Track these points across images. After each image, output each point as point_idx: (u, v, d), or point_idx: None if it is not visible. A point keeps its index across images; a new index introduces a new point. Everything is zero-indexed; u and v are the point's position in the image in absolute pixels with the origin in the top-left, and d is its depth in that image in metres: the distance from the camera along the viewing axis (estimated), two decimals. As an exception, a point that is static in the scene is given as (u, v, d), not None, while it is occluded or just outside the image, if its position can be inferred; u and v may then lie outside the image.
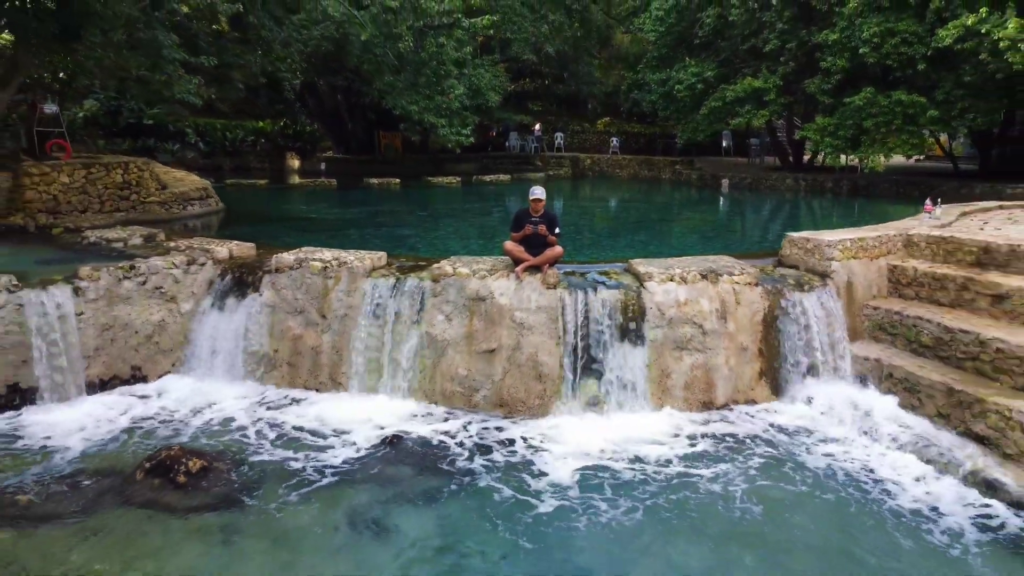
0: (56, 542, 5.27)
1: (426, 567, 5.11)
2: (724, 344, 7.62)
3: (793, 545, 5.38)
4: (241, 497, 5.95)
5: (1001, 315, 7.33)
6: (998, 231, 9.46)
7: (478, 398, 7.51)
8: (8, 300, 7.31)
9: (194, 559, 5.15)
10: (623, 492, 6.07)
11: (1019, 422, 6.02)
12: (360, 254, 8.39)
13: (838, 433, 7.12)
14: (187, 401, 7.82)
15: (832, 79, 19.36)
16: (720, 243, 11.20)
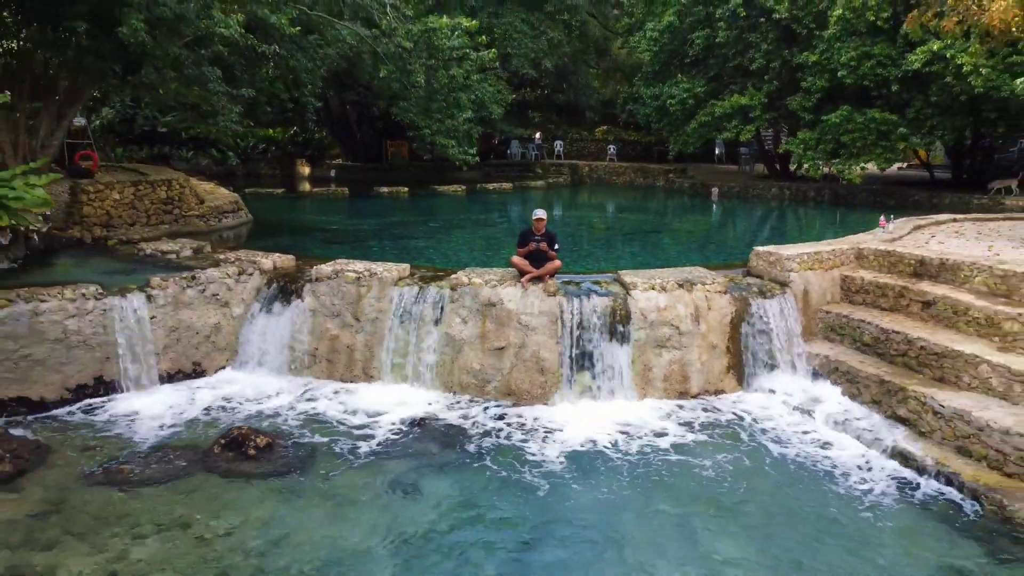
0: (159, 500, 6.63)
1: (450, 520, 6.46)
2: (697, 343, 8.99)
3: (748, 503, 6.73)
4: (299, 466, 7.31)
5: (929, 318, 8.69)
6: (941, 244, 10.84)
7: (490, 388, 8.88)
8: (95, 306, 8.67)
9: (267, 513, 6.51)
10: (610, 462, 7.43)
11: (931, 407, 7.37)
12: (388, 266, 9.75)
13: (792, 417, 8.48)
14: (242, 391, 9.18)
15: (813, 97, 20.73)
16: (700, 255, 12.56)
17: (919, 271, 9.46)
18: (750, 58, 22.05)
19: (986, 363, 7.36)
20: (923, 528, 6.32)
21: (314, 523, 6.37)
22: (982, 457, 6.77)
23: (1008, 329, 7.71)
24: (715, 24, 22.55)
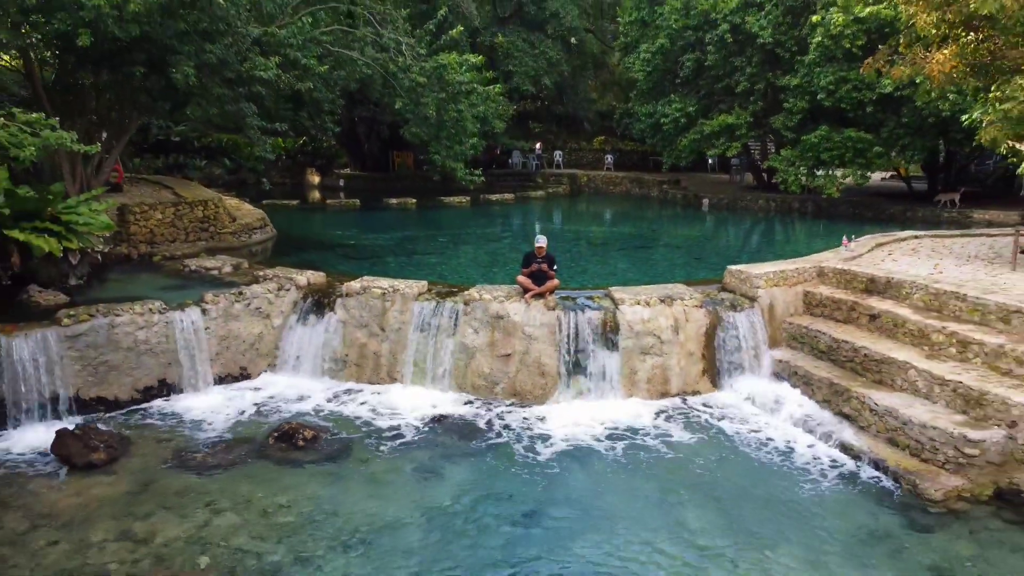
0: (227, 482, 8.03)
1: (466, 497, 7.85)
2: (676, 350, 10.39)
3: (716, 484, 8.11)
4: (340, 454, 8.72)
5: (874, 330, 10.09)
6: (894, 263, 12.25)
7: (498, 389, 10.28)
8: (160, 319, 10.08)
9: (316, 491, 7.90)
10: (599, 452, 8.84)
11: (868, 405, 8.77)
12: (408, 283, 11.16)
13: (756, 414, 9.88)
14: (283, 392, 10.59)
15: (794, 117, 22.16)
16: (684, 271, 13.95)
17: (869, 288, 10.87)
18: (737, 80, 23.48)
19: (914, 368, 8.76)
20: (855, 502, 7.72)
21: (355, 499, 7.77)
22: (905, 446, 8.17)
23: (935, 340, 9.12)
24: (704, 48, 23.98)
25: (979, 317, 9.16)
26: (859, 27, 19.44)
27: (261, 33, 12.14)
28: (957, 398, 8.15)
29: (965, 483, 7.50)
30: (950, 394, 8.24)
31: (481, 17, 28.03)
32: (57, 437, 8.36)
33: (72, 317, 9.46)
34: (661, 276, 13.16)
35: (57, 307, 10.24)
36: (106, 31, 10.23)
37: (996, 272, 11.31)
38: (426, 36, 16.05)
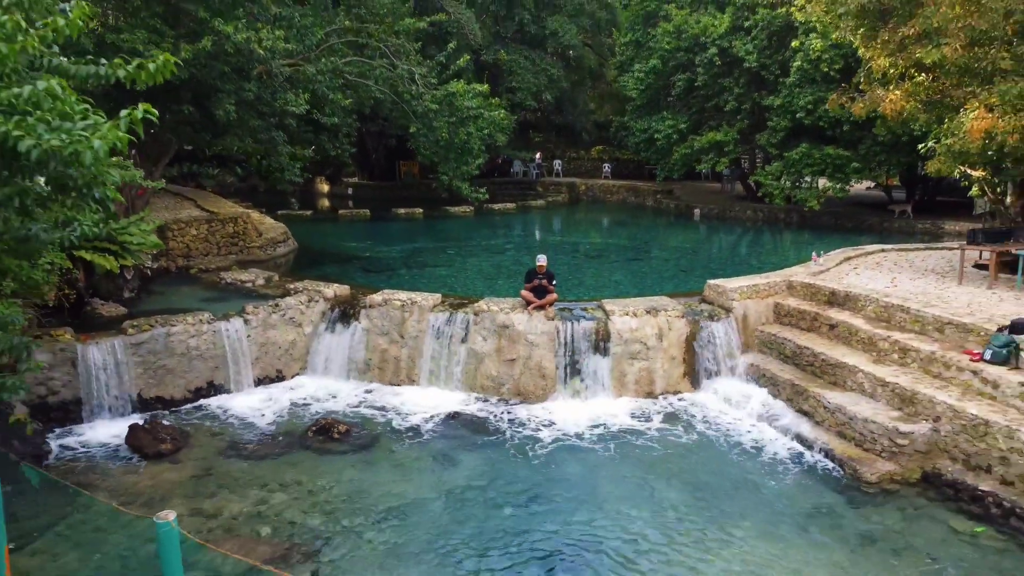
0: (276, 468, 9.43)
1: (478, 480, 9.24)
2: (660, 355, 11.79)
3: (690, 469, 9.51)
4: (370, 445, 10.12)
5: (832, 338, 11.50)
6: (857, 277, 13.64)
7: (504, 389, 11.69)
8: (208, 328, 11.49)
9: (351, 475, 9.29)
10: (592, 443, 10.24)
11: (822, 403, 10.17)
12: (424, 295, 12.57)
13: (730, 411, 11.27)
14: (314, 392, 11.99)
15: (778, 135, 23.57)
16: (672, 284, 15.34)
17: (831, 300, 12.27)
18: (725, 99, 24.91)
19: (862, 372, 10.16)
20: (806, 484, 9.12)
21: (384, 482, 9.17)
22: (851, 439, 9.57)
23: (881, 347, 10.52)
24: (695, 69, 25.41)
25: (919, 327, 10.57)
26: (836, 52, 20.82)
27: (292, 71, 13.54)
28: (895, 397, 9.55)
29: (896, 468, 8.90)
30: (889, 394, 9.64)
31: (484, 36, 29.41)
32: (130, 431, 9.77)
33: (135, 327, 10.88)
34: (651, 288, 14.57)
35: (117, 318, 11.69)
36: (160, 75, 11.62)
37: (944, 286, 12.71)
38: (436, 67, 17.45)
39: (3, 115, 3.49)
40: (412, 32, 17.92)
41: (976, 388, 8.99)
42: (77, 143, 3.50)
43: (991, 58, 11.78)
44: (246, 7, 12.83)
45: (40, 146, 3.40)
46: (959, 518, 8.25)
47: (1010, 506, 7.91)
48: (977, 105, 11.59)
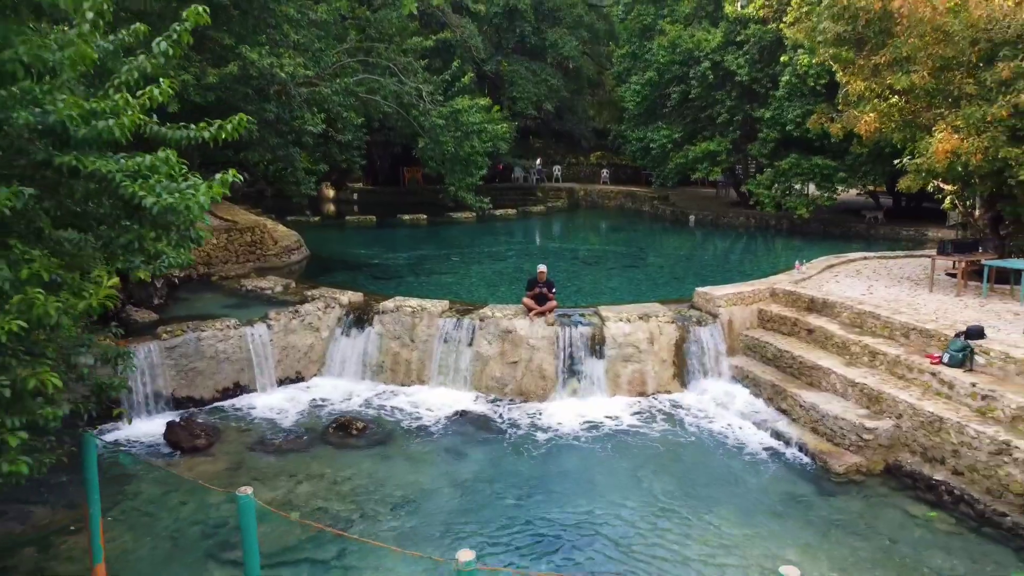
0: (301, 461, 10.35)
1: (484, 471, 10.16)
2: (652, 358, 12.71)
3: (678, 461, 10.43)
4: (385, 440, 11.04)
5: (811, 342, 12.42)
6: (837, 284, 14.55)
7: (507, 389, 12.61)
8: (235, 333, 12.41)
9: (370, 468, 10.20)
10: (588, 437, 11.15)
11: (799, 402, 11.08)
12: (433, 302, 13.49)
13: (715, 409, 12.18)
14: (331, 392, 12.91)
15: (768, 145, 24.50)
16: (665, 290, 16.24)
17: (810, 307, 13.20)
18: (717, 111, 25.84)
19: (835, 373, 11.09)
20: (780, 475, 10.04)
21: (399, 473, 10.09)
22: (823, 434, 10.49)
23: (853, 351, 11.44)
24: (689, 81, 26.34)
25: (888, 333, 11.49)
26: (822, 68, 21.70)
27: (309, 93, 14.48)
28: (863, 396, 10.48)
29: (862, 460, 9.82)
30: (858, 393, 10.57)
31: (486, 47, 30.35)
32: (168, 427, 10.70)
33: (169, 332, 11.81)
34: (645, 294, 15.49)
35: (150, 323, 12.61)
36: (189, 97, 12.57)
37: (917, 293, 13.63)
38: (442, 84, 18.40)
39: (130, 179, 4.41)
40: (419, 50, 18.83)
41: (934, 388, 9.92)
42: (188, 200, 4.44)
43: (957, 83, 12.72)
44: (268, 34, 13.74)
45: (159, 203, 4.33)
46: (916, 504, 9.18)
47: (959, 493, 8.83)
48: (944, 127, 12.52)
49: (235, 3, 13.00)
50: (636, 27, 29.51)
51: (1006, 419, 8.85)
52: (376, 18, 17.11)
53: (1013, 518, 8.24)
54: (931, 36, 12.30)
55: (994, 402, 9.05)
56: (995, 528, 8.41)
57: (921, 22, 12.01)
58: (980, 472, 8.73)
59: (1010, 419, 8.80)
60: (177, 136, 5.07)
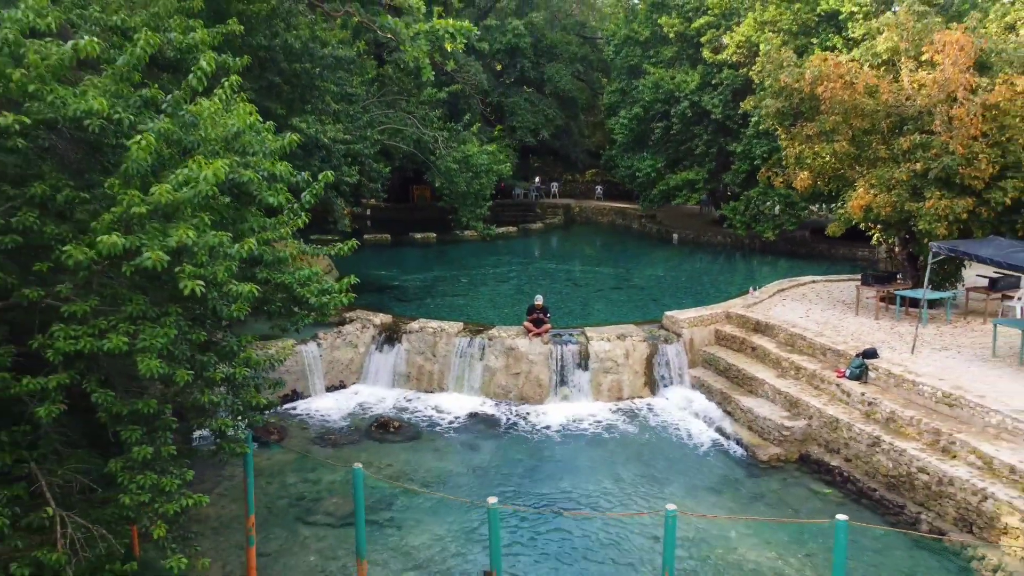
0: (352, 452, 13.27)
1: (493, 459, 13.08)
2: (627, 370, 15.65)
3: (643, 452, 13.36)
4: (416, 436, 13.98)
5: (754, 358, 15.35)
6: (782, 307, 17.47)
7: (511, 395, 15.55)
8: (298, 350, 15.34)
9: (405, 457, 13.13)
10: (577, 434, 14.10)
11: (739, 406, 14.02)
12: (450, 324, 16.42)
13: (677, 411, 15.11)
14: (370, 397, 15.84)
15: (739, 176, 27.44)
16: (641, 312, 19.12)
17: (756, 328, 16.14)
18: (695, 144, 28.80)
19: (768, 384, 14.03)
20: (720, 462, 12.99)
21: (428, 460, 13.03)
22: (755, 431, 13.44)
23: (784, 366, 14.38)
24: (671, 118, 29.30)
25: (811, 351, 14.43)
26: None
27: (347, 149, 17.40)
28: (786, 402, 13.43)
29: (782, 451, 12.77)
30: (783, 400, 13.52)
31: (490, 80, 33.28)
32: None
33: (243, 350, 14.75)
34: (626, 315, 18.42)
35: (223, 342, 15.52)
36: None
37: (844, 316, 16.57)
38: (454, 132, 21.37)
39: (298, 284, 7.36)
40: (433, 101, 21.79)
41: (837, 396, 12.88)
42: (335, 299, 7.40)
43: (873, 148, 15.68)
44: (313, 103, 16.68)
45: (319, 301, 7.29)
46: (818, 484, 12.14)
47: (847, 475, 11.79)
48: (863, 183, 15.47)
49: (286, 80, 15.92)
50: (625, 66, 32.46)
51: (882, 420, 11.81)
52: (398, 76, 20.00)
53: (880, 492, 11.19)
54: (852, 112, 15.25)
55: (875, 407, 12.01)
56: (869, 500, 11.36)
57: (841, 103, 14.95)
58: (861, 459, 11.69)
59: (885, 420, 11.76)
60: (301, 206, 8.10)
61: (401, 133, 19.90)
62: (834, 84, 14.85)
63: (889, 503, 11.01)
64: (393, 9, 17.32)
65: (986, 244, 13.24)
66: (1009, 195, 14.64)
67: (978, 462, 10.09)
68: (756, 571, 9.50)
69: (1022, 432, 10.09)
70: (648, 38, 31.17)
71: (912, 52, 16.06)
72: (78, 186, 5.97)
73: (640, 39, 31.42)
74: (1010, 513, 9.18)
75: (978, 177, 14.37)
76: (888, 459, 11.20)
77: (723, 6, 28.28)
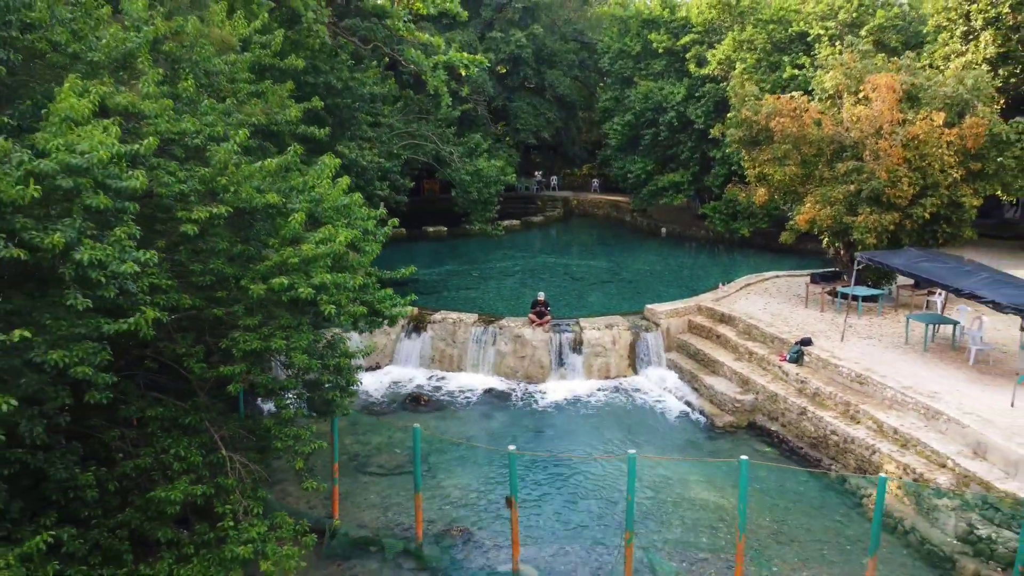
0: (393, 420, 16.41)
1: (505, 427, 16.21)
2: (614, 354, 18.74)
3: (625, 420, 16.48)
4: (441, 408, 17.10)
5: (717, 344, 18.43)
6: (746, 301, 20.53)
7: (518, 374, 18.66)
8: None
9: (434, 424, 16.23)
10: (570, 405, 17.21)
11: (703, 383, 17.12)
12: (467, 315, 19.48)
13: (654, 387, 18.23)
14: (399, 376, 18.94)
15: (719, 179, 30.36)
16: (629, 303, 22.14)
17: (721, 319, 19.21)
18: (680, 150, 31.70)
19: (726, 366, 17.12)
20: (686, 427, 16.12)
21: (452, 427, 16.15)
22: (715, 403, 16.55)
23: (740, 351, 17.47)
24: (659, 125, 32.17)
25: (763, 339, 17.51)
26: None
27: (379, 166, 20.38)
28: (740, 380, 16.54)
29: (735, 420, 15.90)
30: (737, 378, 16.63)
31: (495, 86, 36.02)
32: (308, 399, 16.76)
33: (300, 338, 17.86)
34: (615, 307, 21.48)
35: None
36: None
37: (795, 309, 19.61)
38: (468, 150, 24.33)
39: (377, 303, 10.41)
40: (448, 118, 24.72)
41: (779, 376, 15.99)
42: (402, 312, 10.44)
43: (819, 170, 18.66)
44: (351, 131, 19.63)
45: (393, 313, 10.38)
46: (762, 445, 15.28)
47: (783, 437, 14.93)
48: (811, 199, 18.47)
49: (329, 111, 18.87)
50: (619, 76, 35.24)
51: (810, 395, 14.94)
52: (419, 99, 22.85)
53: (805, 450, 14.34)
54: (800, 140, 18.22)
55: (806, 385, 15.13)
56: (799, 457, 14.50)
57: (790, 134, 17.92)
58: (792, 425, 14.84)
59: (812, 395, 14.89)
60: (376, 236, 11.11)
61: (422, 148, 22.84)
62: (784, 119, 17.81)
63: (811, 457, 14.16)
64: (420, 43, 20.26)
65: (899, 254, 16.30)
66: (928, 210, 17.67)
67: (873, 426, 13.23)
68: (703, 504, 12.68)
69: (906, 403, 13.22)
70: (639, 52, 33.92)
71: (853, 88, 18.99)
72: (241, 239, 9.02)
73: (632, 53, 34.18)
74: (889, 461, 12.32)
75: (901, 196, 17.38)
76: (811, 424, 14.34)
77: (706, 25, 31.06)
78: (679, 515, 12.36)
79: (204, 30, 10.23)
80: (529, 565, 10.84)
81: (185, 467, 8.82)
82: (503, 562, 10.92)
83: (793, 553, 11.24)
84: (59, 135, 6.47)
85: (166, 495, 8.20)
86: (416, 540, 11.33)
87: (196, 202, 7.95)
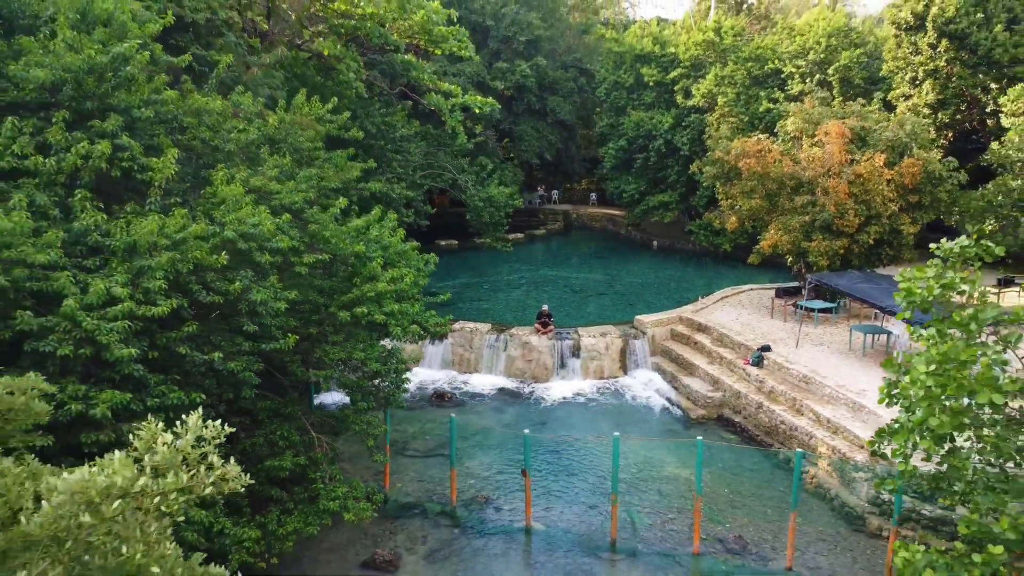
0: (421, 415, 19.49)
1: (517, 418, 19.27)
2: (607, 358, 21.82)
3: (615, 413, 19.55)
4: (462, 404, 20.17)
5: (694, 350, 21.51)
6: (721, 312, 23.62)
7: (526, 376, 21.74)
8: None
9: (458, 417, 19.38)
10: (570, 401, 20.29)
11: (682, 383, 20.20)
12: (481, 324, 22.57)
13: (641, 387, 21.30)
14: (427, 377, 22.00)
15: (703, 199, 33.46)
16: (622, 313, 25.27)
17: (698, 328, 22.30)
18: (668, 173, 34.82)
19: (701, 368, 20.21)
20: (666, 419, 19.20)
21: (470, 419, 19.21)
22: (691, 400, 19.64)
23: (713, 356, 20.55)
24: (649, 151, 35.31)
25: (732, 345, 20.60)
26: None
27: (404, 196, 23.48)
28: (712, 380, 19.63)
29: (707, 413, 18.98)
30: (709, 379, 19.72)
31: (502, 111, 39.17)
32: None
33: (342, 345, 20.98)
34: (610, 317, 24.56)
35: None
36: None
37: (762, 319, 22.69)
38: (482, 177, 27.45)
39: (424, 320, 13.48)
40: (462, 148, 27.86)
41: (743, 377, 19.09)
42: (444, 328, 13.52)
43: (782, 201, 21.78)
44: (382, 167, 22.70)
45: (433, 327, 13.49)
46: (728, 433, 18.37)
47: (744, 427, 18.03)
48: (773, 227, 21.56)
49: (366, 150, 21.99)
50: (613, 105, 38.39)
51: (766, 392, 18.04)
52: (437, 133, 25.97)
53: (761, 437, 17.44)
54: (764, 177, 21.32)
55: (763, 384, 18.23)
56: (754, 441, 17.59)
57: (755, 173, 21.03)
58: (752, 418, 17.93)
59: (768, 393, 17.99)
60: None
61: (441, 176, 25.96)
62: (750, 159, 20.92)
63: (765, 443, 17.26)
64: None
65: (843, 276, 19.41)
66: (872, 237, 20.77)
67: (813, 417, 16.33)
68: (674, 478, 15.78)
69: (839, 399, 16.32)
70: (632, 84, 37.07)
71: (810, 131, 22.10)
72: (327, 276, 12.14)
73: (626, 84, 37.31)
74: (822, 444, 15.41)
75: (848, 225, 20.48)
76: (766, 416, 17.44)
77: (693, 60, 34.18)
78: (655, 486, 15.47)
79: (295, 118, 13.37)
80: (539, 522, 13.95)
81: (287, 444, 11.92)
82: (518, 520, 14.02)
83: (743, 513, 14.34)
84: (227, 212, 9.58)
85: (279, 463, 11.30)
86: (451, 504, 14.42)
87: (304, 250, 11.06)
